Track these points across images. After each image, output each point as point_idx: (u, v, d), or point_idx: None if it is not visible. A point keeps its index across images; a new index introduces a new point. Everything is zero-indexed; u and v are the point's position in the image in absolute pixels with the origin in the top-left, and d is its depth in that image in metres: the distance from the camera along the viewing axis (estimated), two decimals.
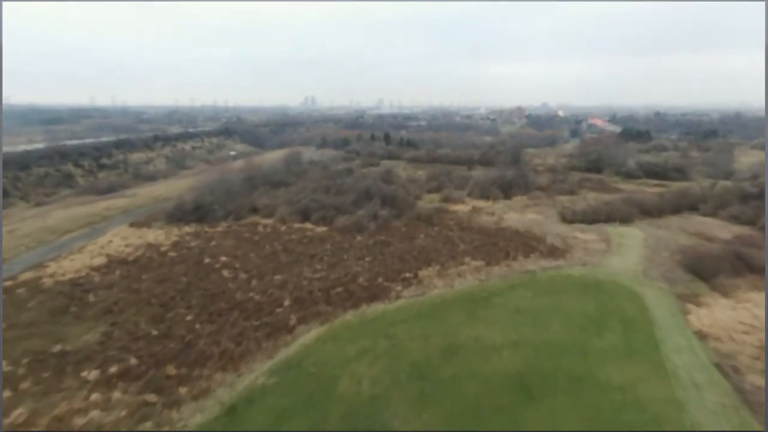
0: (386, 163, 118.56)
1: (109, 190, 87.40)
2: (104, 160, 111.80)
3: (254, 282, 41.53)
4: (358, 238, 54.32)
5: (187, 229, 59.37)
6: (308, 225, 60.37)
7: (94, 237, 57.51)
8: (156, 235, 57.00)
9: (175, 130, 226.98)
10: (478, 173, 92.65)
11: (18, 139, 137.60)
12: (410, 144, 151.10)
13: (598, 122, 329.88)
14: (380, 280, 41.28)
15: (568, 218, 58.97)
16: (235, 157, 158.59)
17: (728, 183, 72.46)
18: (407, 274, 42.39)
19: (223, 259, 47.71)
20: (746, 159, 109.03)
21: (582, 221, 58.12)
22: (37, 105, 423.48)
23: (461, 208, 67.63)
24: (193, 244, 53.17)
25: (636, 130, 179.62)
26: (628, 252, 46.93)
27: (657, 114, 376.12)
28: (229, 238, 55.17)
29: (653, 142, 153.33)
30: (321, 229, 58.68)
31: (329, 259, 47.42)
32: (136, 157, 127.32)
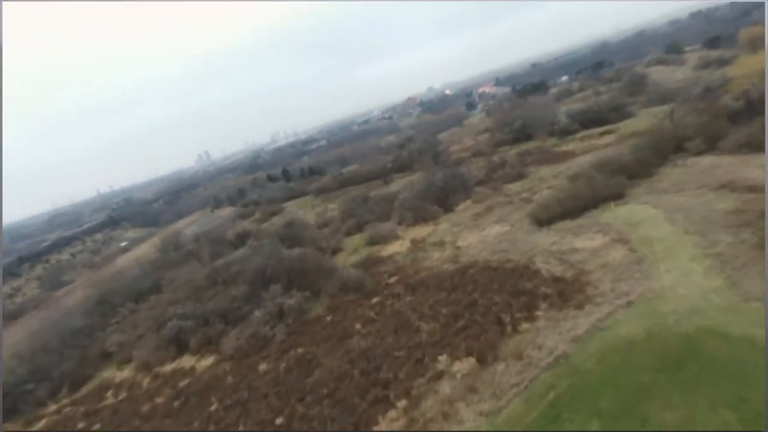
0: (291, 206, 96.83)
1: None
2: None
3: None
4: (262, 366, 32.66)
5: None
6: (185, 360, 37.82)
7: None
8: None
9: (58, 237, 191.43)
10: (401, 186, 73.55)
11: None
12: (314, 172, 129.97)
13: (487, 89, 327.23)
14: None
15: (543, 218, 40.78)
16: (126, 249, 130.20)
17: (687, 106, 58.41)
18: None
19: None
20: (663, 76, 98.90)
21: (563, 216, 40.19)
22: None
23: (397, 248, 47.69)
24: None
25: (531, 84, 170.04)
26: (671, 252, 29.02)
27: (533, 65, 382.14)
28: None
29: (554, 90, 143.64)
30: (205, 362, 36.38)
31: None
32: None
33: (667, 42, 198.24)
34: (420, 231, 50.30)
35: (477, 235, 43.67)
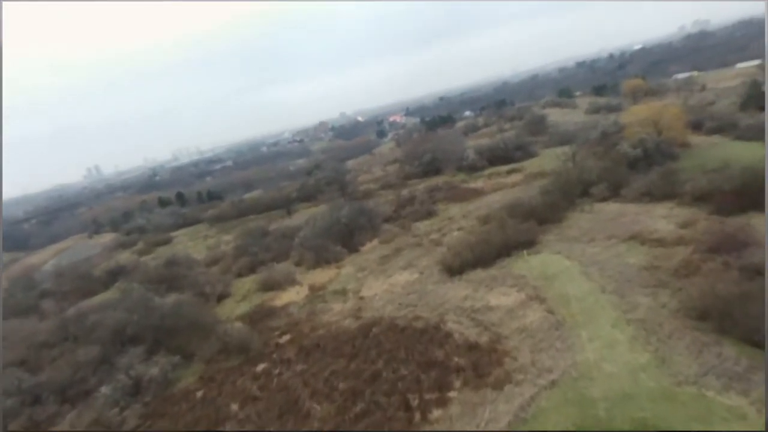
0: (181, 236, 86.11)
1: None
2: None
3: None
4: None
5: None
6: None
7: None
8: None
9: None
10: (305, 217, 67.41)
11: None
12: (212, 196, 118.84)
13: (397, 118, 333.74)
14: None
15: (455, 266, 37.05)
16: None
17: (586, 150, 59.56)
18: None
19: None
20: (560, 118, 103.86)
21: (475, 264, 36.77)
22: None
23: (294, 296, 41.34)
24: None
25: (440, 117, 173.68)
26: (591, 316, 26.08)
27: (441, 98, 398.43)
28: None
29: (461, 124, 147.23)
30: None
31: None
32: None
33: (558, 86, 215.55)
34: (321, 275, 44.46)
35: (383, 283, 38.86)
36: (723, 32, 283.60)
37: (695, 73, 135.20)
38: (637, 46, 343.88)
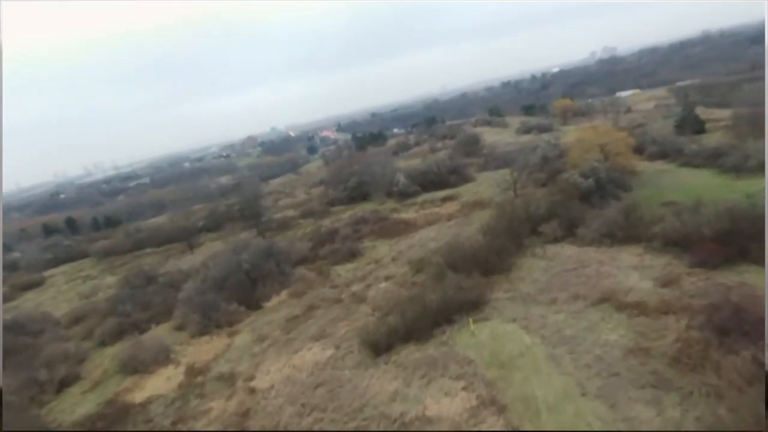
0: (58, 275, 70.19)
1: None
2: None
3: None
4: None
5: None
6: None
7: None
8: None
9: None
10: (209, 253, 55.42)
11: None
12: (110, 223, 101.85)
13: (328, 133, 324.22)
14: None
15: (380, 341, 27.35)
16: None
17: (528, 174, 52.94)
18: None
19: None
20: (493, 138, 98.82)
21: (407, 336, 27.35)
22: None
23: (161, 385, 29.59)
24: None
25: (371, 134, 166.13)
26: None
27: (373, 114, 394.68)
28: None
29: (392, 142, 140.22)
30: None
31: None
32: None
33: (487, 104, 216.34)
34: (206, 348, 33.07)
35: (285, 364, 28.37)
36: (631, 58, 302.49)
37: (636, 91, 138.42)
38: (556, 69, 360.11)
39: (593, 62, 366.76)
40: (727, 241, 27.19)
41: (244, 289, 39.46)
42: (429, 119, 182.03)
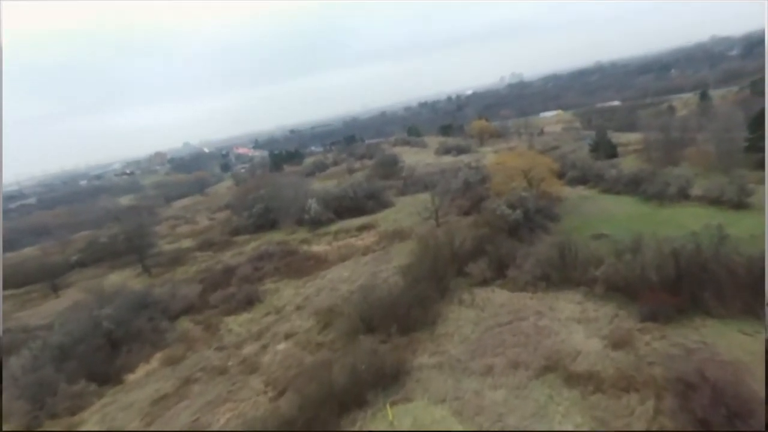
0: None
1: None
2: None
3: None
4: None
5: None
6: None
7: None
8: None
9: None
10: (80, 295, 44.42)
11: None
12: None
13: (244, 150, 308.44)
14: None
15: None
16: None
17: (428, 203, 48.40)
18: None
19: None
20: (412, 159, 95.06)
21: (309, 424, 20.50)
22: None
23: None
24: None
25: (287, 152, 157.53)
26: None
27: (292, 131, 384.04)
28: None
29: (309, 160, 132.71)
30: None
31: None
32: None
33: (405, 124, 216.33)
34: None
35: None
36: (537, 83, 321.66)
37: (559, 111, 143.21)
38: (469, 91, 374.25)
39: (503, 86, 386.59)
40: (677, 289, 23.52)
41: (100, 358, 30.08)
42: (348, 138, 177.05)
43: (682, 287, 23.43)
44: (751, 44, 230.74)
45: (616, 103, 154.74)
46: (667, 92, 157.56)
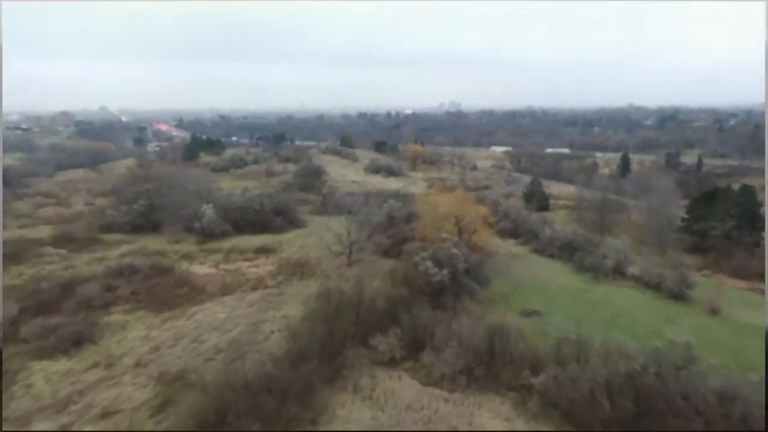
0: None
1: None
2: None
3: None
4: None
5: None
6: None
7: None
8: None
9: None
10: None
11: None
12: None
13: (165, 127, 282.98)
14: None
15: None
16: None
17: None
18: None
19: None
20: (339, 173, 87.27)
21: None
22: None
23: None
24: None
25: (207, 139, 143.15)
26: None
27: (222, 117, 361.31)
28: None
29: (229, 153, 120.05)
30: None
31: None
32: None
33: (341, 131, 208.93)
34: None
35: None
36: (473, 116, 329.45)
37: (509, 148, 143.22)
38: (409, 111, 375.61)
39: (441, 112, 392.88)
40: (633, 425, 17.82)
41: None
42: (277, 135, 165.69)
43: (639, 423, 17.75)
44: (663, 117, 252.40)
45: (565, 150, 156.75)
46: (590, 148, 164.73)
